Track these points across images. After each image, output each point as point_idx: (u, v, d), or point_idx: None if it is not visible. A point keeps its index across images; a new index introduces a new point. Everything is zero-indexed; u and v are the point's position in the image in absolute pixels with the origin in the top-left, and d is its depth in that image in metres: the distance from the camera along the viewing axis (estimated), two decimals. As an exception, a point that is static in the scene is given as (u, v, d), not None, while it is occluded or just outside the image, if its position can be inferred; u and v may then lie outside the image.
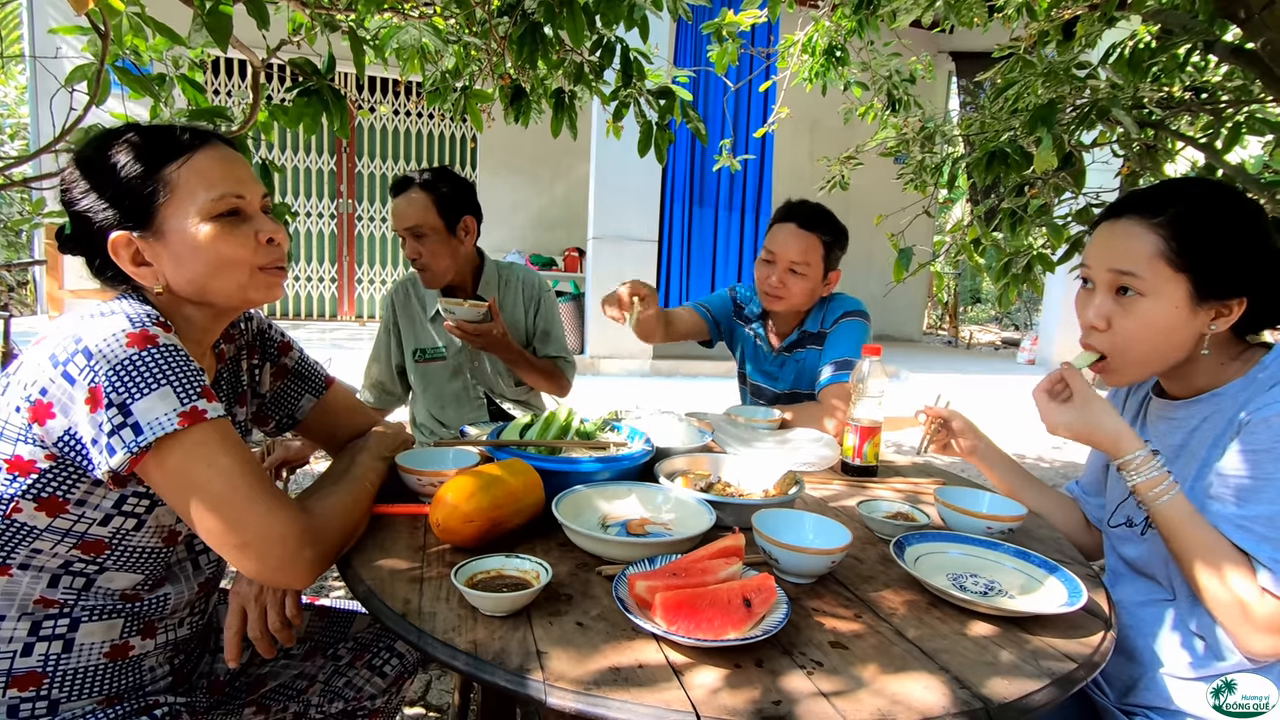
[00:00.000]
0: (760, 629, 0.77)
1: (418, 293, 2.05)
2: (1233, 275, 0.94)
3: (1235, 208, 0.96)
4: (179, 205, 0.88)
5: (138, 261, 0.89)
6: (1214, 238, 0.94)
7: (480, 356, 2.03)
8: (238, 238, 0.91)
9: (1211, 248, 0.94)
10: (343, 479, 1.03)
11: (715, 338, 2.11)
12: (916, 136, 2.84)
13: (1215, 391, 0.99)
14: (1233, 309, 0.95)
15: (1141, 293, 0.96)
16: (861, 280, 7.29)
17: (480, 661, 0.72)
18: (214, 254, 0.89)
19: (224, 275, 0.90)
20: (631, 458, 1.20)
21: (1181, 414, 1.03)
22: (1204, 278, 0.94)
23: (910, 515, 1.16)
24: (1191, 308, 0.95)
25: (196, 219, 0.88)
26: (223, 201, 0.89)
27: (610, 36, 1.94)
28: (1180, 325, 0.96)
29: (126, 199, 0.87)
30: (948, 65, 8.06)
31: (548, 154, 7.36)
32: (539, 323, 2.07)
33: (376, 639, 1.15)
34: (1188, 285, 0.94)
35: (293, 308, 7.35)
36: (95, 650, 0.87)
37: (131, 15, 1.51)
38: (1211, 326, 0.96)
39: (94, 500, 0.83)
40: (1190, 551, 0.92)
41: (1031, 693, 0.73)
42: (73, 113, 1.45)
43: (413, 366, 2.06)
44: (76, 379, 0.76)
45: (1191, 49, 2.15)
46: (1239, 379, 0.98)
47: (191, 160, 0.89)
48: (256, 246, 0.92)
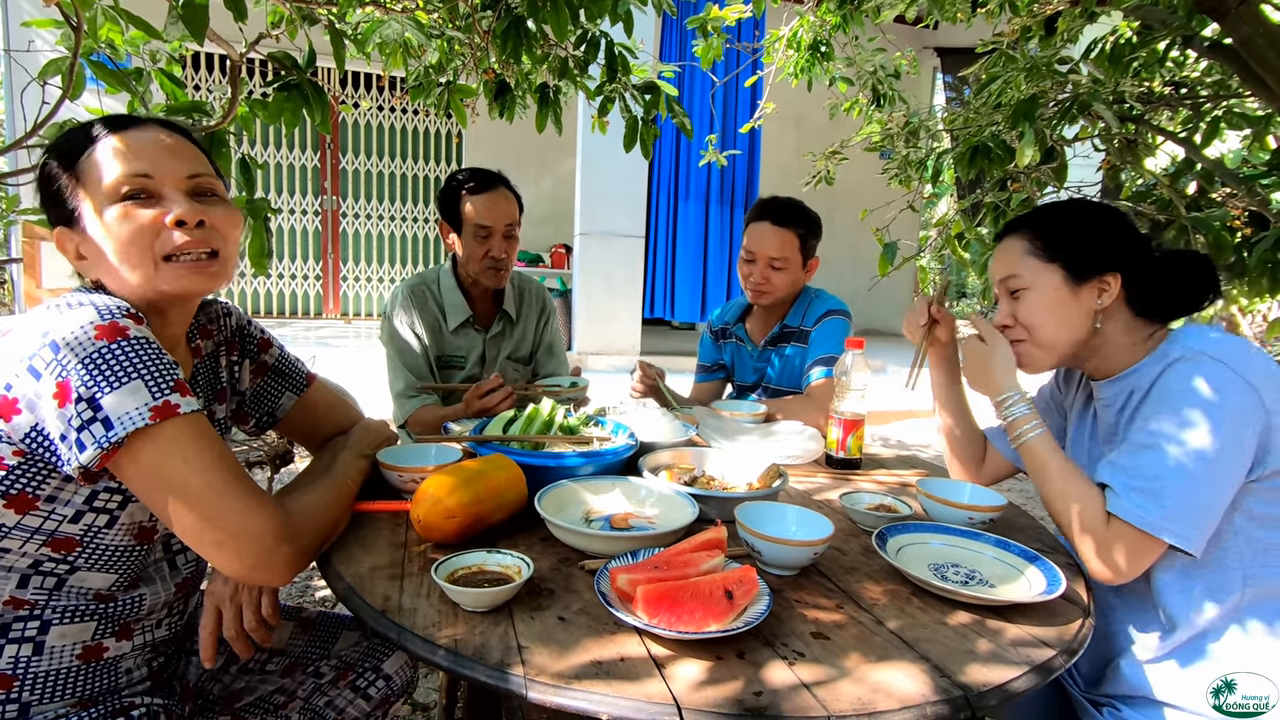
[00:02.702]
0: (742, 620, 0.77)
1: (438, 300, 1.92)
2: (1097, 255, 1.09)
3: (1086, 207, 1.15)
4: (89, 193, 0.85)
5: (78, 256, 0.88)
6: (1071, 228, 1.12)
7: (493, 367, 1.99)
8: (135, 220, 0.84)
9: (1070, 236, 1.11)
10: (323, 476, 1.02)
11: (729, 373, 2.14)
12: (901, 132, 2.85)
13: (1133, 368, 1.08)
14: (1110, 284, 1.08)
15: (1025, 287, 1.13)
16: (848, 274, 7.32)
17: (460, 657, 0.72)
18: (113, 241, 0.84)
19: (128, 264, 0.85)
20: (615, 452, 1.20)
21: (1107, 394, 1.13)
22: (1071, 260, 1.10)
23: (893, 507, 1.16)
24: (1071, 288, 1.10)
25: (103, 202, 0.85)
26: (124, 181, 0.84)
27: (595, 31, 1.93)
28: (1067, 304, 1.10)
29: (51, 196, 0.87)
30: (933, 61, 8.09)
31: (534, 149, 7.32)
32: (545, 335, 2.06)
33: (362, 658, 1.09)
34: (1060, 270, 1.10)
35: (277, 305, 7.27)
36: (67, 652, 0.86)
37: (106, 8, 1.49)
38: (1098, 302, 1.09)
39: (64, 497, 0.81)
40: (1050, 483, 1.04)
41: (1010, 680, 0.73)
42: (45, 107, 1.42)
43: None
44: (43, 373, 0.75)
45: (1171, 44, 2.17)
46: (1150, 355, 1.07)
47: (98, 145, 0.86)
48: (160, 230, 0.85)
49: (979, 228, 2.42)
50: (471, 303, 1.93)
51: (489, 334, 1.95)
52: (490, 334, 1.95)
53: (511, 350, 2.00)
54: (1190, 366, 0.97)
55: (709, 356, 2.13)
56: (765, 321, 1.97)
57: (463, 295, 1.91)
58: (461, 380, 1.92)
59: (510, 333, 1.99)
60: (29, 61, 1.76)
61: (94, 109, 1.71)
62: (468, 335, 1.93)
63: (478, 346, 1.94)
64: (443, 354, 1.93)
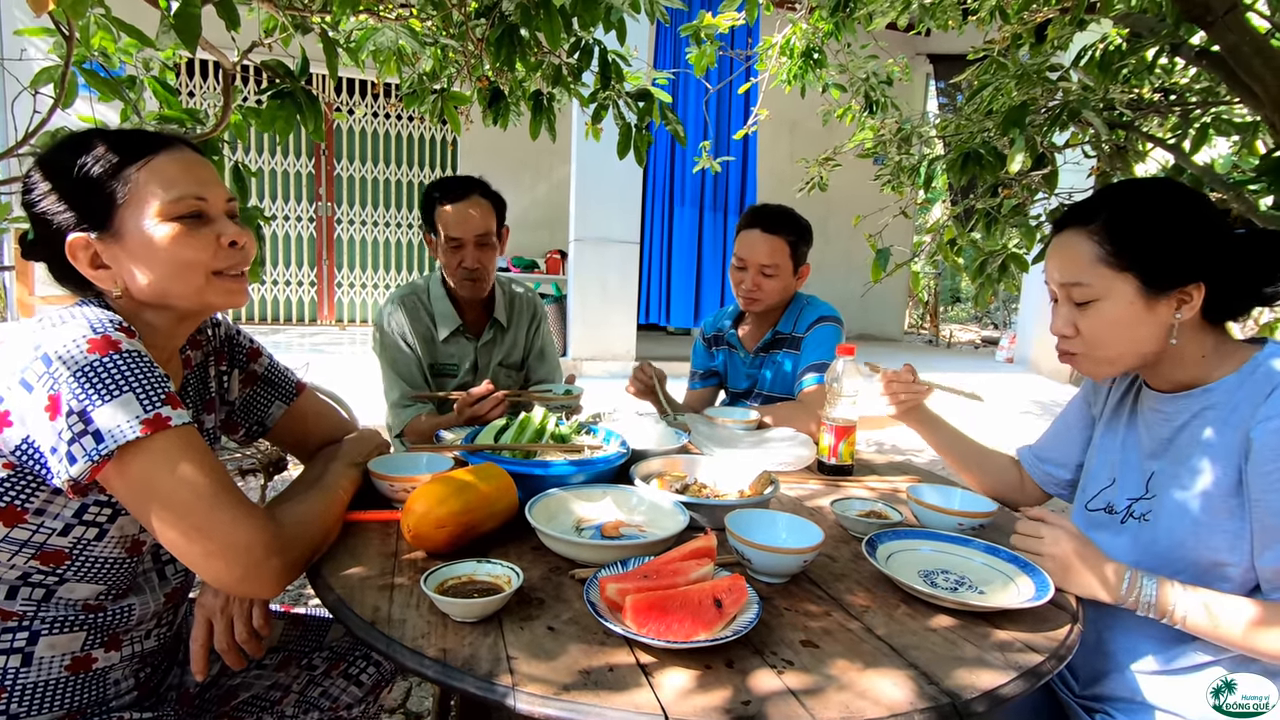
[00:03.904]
0: (730, 629, 0.77)
1: (429, 309, 1.92)
2: (1178, 263, 0.95)
3: (1165, 200, 0.98)
4: (138, 206, 0.87)
5: (95, 264, 0.88)
6: (1146, 232, 0.96)
7: (485, 374, 1.98)
8: (197, 240, 0.89)
9: (1146, 242, 0.96)
10: (314, 486, 1.02)
11: (722, 380, 2.14)
12: (893, 138, 2.87)
13: (1206, 388, 0.99)
14: (1192, 295, 0.96)
15: (1094, 298, 0.99)
16: (842, 280, 7.33)
17: (449, 668, 0.72)
18: (171, 256, 0.88)
19: (182, 278, 0.89)
20: (606, 460, 1.20)
21: (1170, 408, 1.03)
22: (1148, 271, 0.96)
23: (883, 513, 1.17)
24: (1146, 302, 0.97)
25: (156, 220, 0.87)
26: (182, 203, 0.88)
27: (588, 39, 1.94)
28: (1142, 319, 0.97)
29: (85, 200, 0.86)
30: (926, 67, 8.13)
31: (529, 156, 7.33)
32: (536, 341, 2.06)
33: (353, 647, 1.13)
34: (1135, 281, 0.96)
35: (271, 312, 7.26)
36: (56, 663, 0.86)
37: (98, 16, 1.49)
38: (1176, 315, 0.97)
39: (54, 510, 0.81)
40: (1235, 638, 0.89)
41: (998, 686, 0.74)
42: (37, 116, 1.42)
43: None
44: (35, 386, 0.75)
45: (1160, 52, 2.19)
46: (1231, 375, 0.97)
47: (152, 162, 0.88)
48: (216, 250, 0.91)
49: (972, 233, 2.43)
50: (461, 311, 1.93)
51: (480, 342, 1.95)
52: (481, 342, 1.95)
53: (503, 357, 2.00)
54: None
55: (702, 363, 2.13)
56: (757, 328, 1.97)
57: (452, 304, 1.91)
58: (455, 388, 1.92)
59: (502, 340, 1.99)
60: (20, 69, 1.75)
61: (86, 117, 1.71)
62: (459, 344, 1.93)
63: (470, 354, 1.94)
64: (435, 362, 1.93)
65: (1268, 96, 1.65)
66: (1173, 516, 0.99)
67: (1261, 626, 0.88)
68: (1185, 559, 0.98)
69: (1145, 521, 1.03)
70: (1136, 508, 1.05)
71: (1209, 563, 0.96)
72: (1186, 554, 0.98)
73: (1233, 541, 0.94)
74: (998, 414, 5.07)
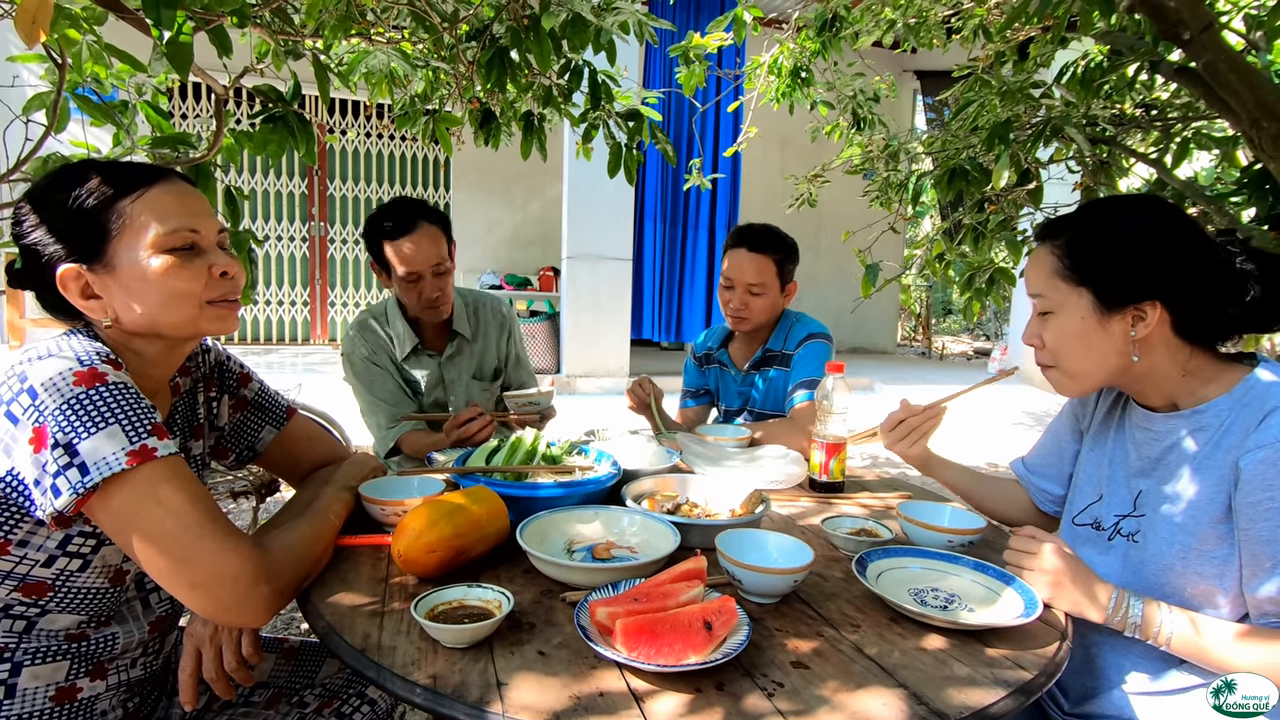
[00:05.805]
0: (721, 652, 0.77)
1: (386, 330, 1.94)
2: (1131, 281, 0.96)
3: (1129, 218, 0.99)
4: (131, 238, 0.87)
5: (86, 294, 0.88)
6: (1101, 249, 0.98)
7: (455, 388, 1.99)
8: (190, 271, 0.90)
9: (1100, 258, 0.98)
10: (304, 512, 1.02)
11: (714, 398, 2.15)
12: (881, 154, 2.90)
13: (1197, 409, 0.98)
14: (1147, 313, 0.96)
15: (1052, 310, 1.02)
16: (833, 295, 7.37)
17: (439, 695, 0.71)
18: (164, 287, 0.88)
19: (174, 308, 0.90)
20: (597, 481, 1.20)
21: (1159, 427, 1.03)
22: (1100, 287, 0.98)
23: (874, 531, 1.17)
24: (1099, 317, 0.98)
25: (149, 251, 0.87)
26: (176, 235, 0.89)
27: (578, 60, 1.97)
28: (1094, 333, 0.99)
29: (78, 232, 0.87)
30: (913, 83, 8.24)
31: (521, 174, 7.38)
32: (510, 348, 2.06)
33: (346, 685, 1.10)
34: (1090, 296, 0.99)
35: (265, 332, 7.25)
36: (40, 694, 0.85)
37: (90, 44, 1.50)
38: (1132, 332, 0.97)
39: (36, 541, 0.81)
40: (1218, 660, 0.90)
41: (989, 705, 0.74)
42: (28, 143, 1.43)
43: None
44: (20, 419, 0.75)
45: (1140, 69, 2.23)
46: (1223, 396, 0.96)
47: (146, 194, 0.88)
48: (208, 280, 0.92)
49: (960, 247, 2.46)
50: (419, 329, 1.94)
51: (443, 356, 1.95)
52: (445, 356, 1.95)
53: (474, 370, 2.00)
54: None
55: (694, 382, 2.14)
56: (747, 346, 1.98)
57: (408, 324, 1.92)
58: (427, 405, 1.95)
59: (469, 351, 1.98)
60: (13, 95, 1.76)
61: (79, 142, 1.72)
62: (420, 360, 1.94)
63: (432, 370, 1.94)
64: (402, 380, 1.95)
65: (1244, 111, 1.68)
66: (1162, 541, 0.99)
67: (1244, 650, 0.89)
68: (1173, 584, 0.98)
69: (1135, 542, 1.03)
70: (1125, 525, 1.05)
71: (1199, 589, 0.96)
72: (1175, 579, 0.98)
73: (1221, 568, 0.95)
74: (989, 424, 5.08)
